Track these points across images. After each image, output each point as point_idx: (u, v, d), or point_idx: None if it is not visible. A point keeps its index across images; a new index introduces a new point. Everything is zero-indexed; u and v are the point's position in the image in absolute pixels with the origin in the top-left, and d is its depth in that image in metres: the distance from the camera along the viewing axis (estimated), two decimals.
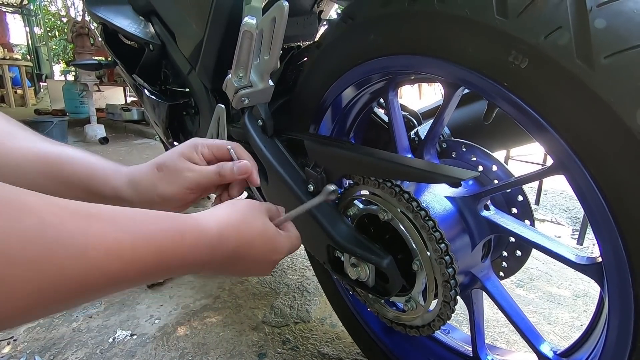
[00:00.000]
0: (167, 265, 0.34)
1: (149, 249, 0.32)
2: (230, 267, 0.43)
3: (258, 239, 0.43)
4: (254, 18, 0.54)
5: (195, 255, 0.37)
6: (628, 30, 0.31)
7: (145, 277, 0.33)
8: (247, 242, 0.42)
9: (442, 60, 0.44)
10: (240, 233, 0.41)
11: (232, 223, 0.41)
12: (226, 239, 0.40)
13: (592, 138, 0.34)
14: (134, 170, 0.50)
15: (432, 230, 0.50)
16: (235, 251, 0.41)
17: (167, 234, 0.34)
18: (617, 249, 0.36)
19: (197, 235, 0.37)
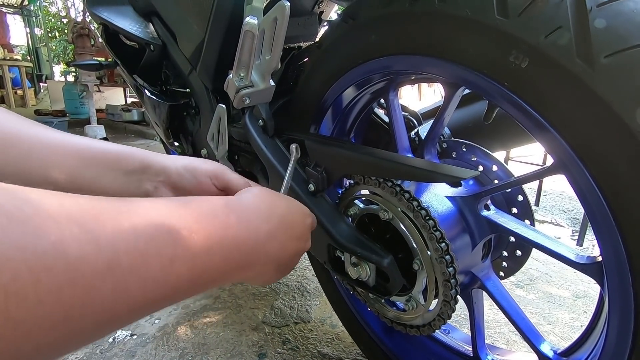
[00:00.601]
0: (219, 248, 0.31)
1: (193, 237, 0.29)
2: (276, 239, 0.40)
3: (288, 204, 0.44)
4: (256, 18, 0.54)
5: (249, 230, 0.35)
6: (628, 30, 0.31)
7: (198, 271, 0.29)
8: (284, 210, 0.42)
9: (442, 60, 0.45)
10: (274, 202, 0.41)
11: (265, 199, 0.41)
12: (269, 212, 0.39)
13: (592, 137, 0.34)
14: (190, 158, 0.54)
15: (433, 230, 0.50)
16: (281, 219, 0.40)
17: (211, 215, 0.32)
18: (617, 248, 0.36)
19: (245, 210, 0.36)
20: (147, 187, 0.51)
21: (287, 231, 0.41)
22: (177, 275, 0.27)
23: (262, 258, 0.37)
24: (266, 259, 0.38)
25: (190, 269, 0.28)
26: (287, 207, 0.43)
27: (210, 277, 0.31)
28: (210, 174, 0.52)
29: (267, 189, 0.44)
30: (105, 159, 0.48)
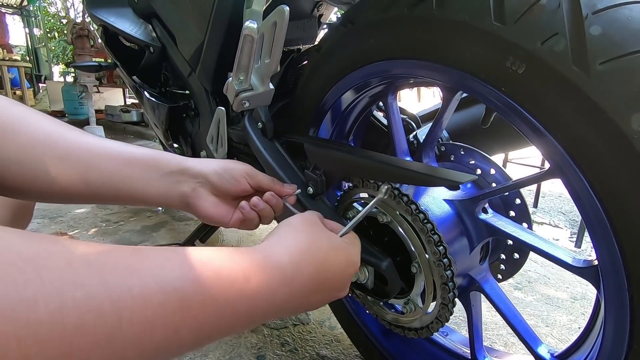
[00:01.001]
0: (232, 320, 0.29)
1: (204, 306, 0.26)
2: (313, 297, 0.37)
3: (331, 255, 0.39)
4: (255, 22, 0.55)
5: (267, 299, 0.31)
6: (623, 37, 0.32)
7: (203, 339, 0.27)
8: (322, 264, 0.37)
9: (440, 64, 0.45)
10: (312, 257, 0.37)
11: (304, 247, 0.37)
12: (301, 268, 0.35)
13: (588, 143, 0.35)
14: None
15: (431, 233, 0.50)
16: (314, 278, 0.36)
17: (227, 281, 0.28)
18: (612, 252, 0.37)
19: (267, 274, 0.32)
20: (184, 189, 0.51)
21: (319, 290, 0.37)
22: (179, 341, 0.26)
23: (279, 315, 0.35)
24: (285, 314, 0.36)
25: (194, 335, 0.26)
26: (328, 261, 0.38)
27: (217, 337, 0.29)
28: (245, 174, 0.55)
29: (311, 228, 0.40)
30: (143, 161, 0.49)
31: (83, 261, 0.22)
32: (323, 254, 0.38)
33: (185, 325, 0.25)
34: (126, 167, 0.48)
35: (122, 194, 0.48)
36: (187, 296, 0.26)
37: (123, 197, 0.49)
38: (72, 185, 0.45)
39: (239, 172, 0.55)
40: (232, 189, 0.54)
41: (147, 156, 0.50)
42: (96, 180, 0.46)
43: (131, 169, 0.48)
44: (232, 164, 0.55)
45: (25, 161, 0.41)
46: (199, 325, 0.26)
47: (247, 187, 0.55)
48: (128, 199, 0.49)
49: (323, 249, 0.39)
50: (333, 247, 0.40)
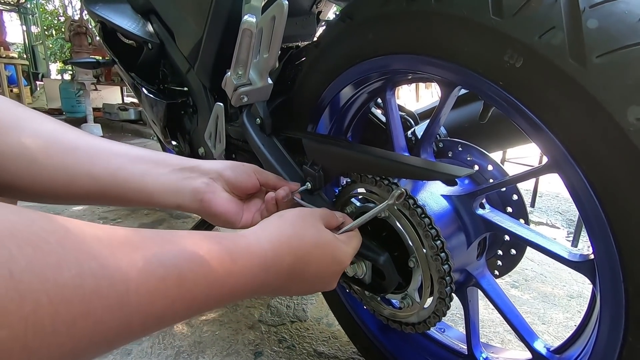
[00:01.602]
0: (218, 295, 0.31)
1: (197, 282, 0.29)
2: (289, 285, 0.40)
3: (314, 251, 0.40)
4: (254, 16, 0.55)
5: (248, 280, 0.34)
6: (619, 31, 0.32)
7: (193, 311, 0.30)
8: (302, 257, 0.39)
9: (439, 59, 0.45)
10: (292, 248, 0.38)
11: (284, 238, 0.39)
12: (280, 257, 0.37)
13: (585, 136, 0.35)
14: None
15: (429, 228, 0.50)
16: (291, 269, 0.38)
17: (217, 261, 0.31)
18: (608, 246, 0.37)
19: (251, 258, 0.35)
20: (197, 184, 0.51)
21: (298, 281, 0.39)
22: (174, 313, 0.28)
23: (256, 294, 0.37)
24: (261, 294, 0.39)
25: (187, 308, 0.29)
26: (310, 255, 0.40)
27: (204, 310, 0.32)
28: (253, 170, 0.56)
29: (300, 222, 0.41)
30: (151, 158, 0.49)
31: (94, 237, 0.24)
32: (306, 248, 0.40)
33: (180, 298, 0.28)
34: (134, 162, 0.48)
35: (130, 191, 0.47)
36: (184, 272, 0.28)
37: (130, 194, 0.48)
38: (76, 181, 0.44)
39: (248, 167, 0.56)
40: (244, 183, 0.54)
41: (155, 154, 0.50)
42: (102, 174, 0.45)
43: (139, 165, 0.48)
44: (238, 163, 0.56)
45: (28, 156, 0.41)
46: (192, 299, 0.29)
47: (257, 183, 0.56)
48: (135, 197, 0.48)
49: (306, 243, 0.40)
50: (319, 243, 0.41)
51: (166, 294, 0.27)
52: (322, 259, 0.41)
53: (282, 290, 0.40)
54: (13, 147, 0.40)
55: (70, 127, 0.46)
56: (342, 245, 0.44)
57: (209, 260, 0.31)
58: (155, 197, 0.49)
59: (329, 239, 0.43)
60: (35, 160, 0.42)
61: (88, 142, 0.46)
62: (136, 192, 0.47)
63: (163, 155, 0.51)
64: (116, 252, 0.24)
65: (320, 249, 0.41)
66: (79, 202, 0.48)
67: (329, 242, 0.42)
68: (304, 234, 0.40)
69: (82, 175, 0.44)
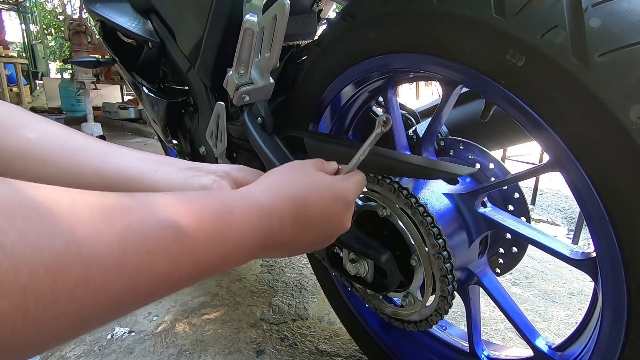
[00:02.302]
0: (222, 250, 0.31)
1: (196, 237, 0.29)
2: (300, 233, 0.38)
3: (311, 193, 0.40)
4: (255, 16, 0.55)
5: (249, 230, 0.33)
6: (622, 29, 0.32)
7: (200, 270, 0.30)
8: (300, 201, 0.38)
9: (441, 58, 0.45)
10: (288, 194, 0.38)
11: (279, 187, 0.38)
12: (278, 204, 0.36)
13: (587, 135, 0.35)
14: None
15: (431, 226, 0.51)
16: (293, 214, 0.37)
17: (213, 215, 0.31)
18: (611, 244, 0.37)
19: (247, 207, 0.34)
20: (204, 181, 0.50)
21: (305, 227, 0.39)
22: (180, 270, 0.28)
23: (270, 250, 0.36)
24: (276, 249, 0.37)
25: (193, 264, 0.29)
26: (308, 197, 0.39)
27: (212, 269, 0.31)
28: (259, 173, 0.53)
29: (290, 170, 0.41)
30: (157, 158, 0.50)
31: (86, 203, 0.24)
32: (301, 191, 0.39)
33: (181, 255, 0.28)
34: (141, 162, 0.48)
35: (136, 189, 0.47)
36: (181, 229, 0.28)
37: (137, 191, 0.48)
38: (82, 179, 0.44)
39: (255, 170, 0.54)
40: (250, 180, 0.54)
41: (161, 156, 0.50)
42: (109, 171, 0.45)
43: (146, 163, 0.48)
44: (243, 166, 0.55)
45: (34, 155, 0.42)
46: (195, 256, 0.29)
47: None
48: None
49: (301, 187, 0.39)
50: (314, 185, 0.40)
51: (166, 253, 0.26)
52: (322, 199, 0.40)
53: (297, 240, 0.38)
54: (20, 146, 0.41)
55: (77, 132, 0.47)
56: (339, 182, 0.43)
57: (204, 214, 0.30)
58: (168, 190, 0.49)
59: (323, 179, 0.42)
60: (41, 159, 0.42)
61: (95, 143, 0.47)
62: (143, 188, 0.47)
63: (169, 157, 0.52)
64: (109, 216, 0.24)
65: (317, 189, 0.40)
66: None
67: (324, 182, 0.41)
68: (297, 180, 0.40)
69: (88, 173, 0.44)
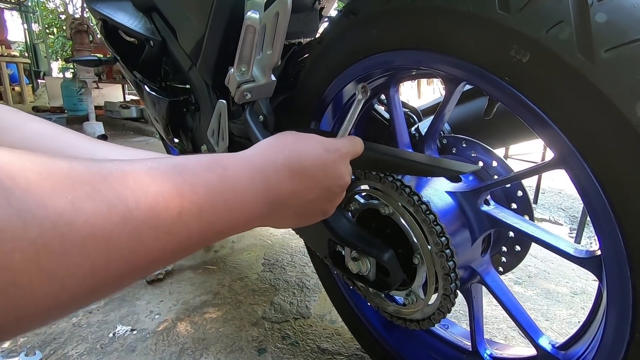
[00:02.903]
0: (224, 204, 0.31)
1: (195, 190, 0.29)
2: (300, 187, 0.39)
3: (300, 144, 0.40)
4: (257, 13, 0.54)
5: (246, 183, 0.34)
6: (628, 25, 0.31)
7: (206, 224, 0.30)
8: (292, 155, 0.39)
9: (444, 55, 0.45)
10: (278, 151, 0.39)
11: (267, 147, 0.39)
12: (270, 159, 0.37)
13: (593, 131, 0.35)
14: None
15: (433, 224, 0.50)
16: (287, 167, 0.38)
17: (208, 170, 0.32)
18: (616, 242, 0.37)
19: (239, 162, 0.35)
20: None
21: (302, 179, 0.39)
22: (186, 225, 0.28)
23: (275, 210, 0.37)
24: (281, 210, 0.38)
25: (198, 220, 0.29)
26: (298, 150, 0.39)
27: (219, 228, 0.32)
28: None
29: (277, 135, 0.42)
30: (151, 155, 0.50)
31: (83, 167, 0.25)
32: (291, 146, 0.40)
33: (184, 208, 0.28)
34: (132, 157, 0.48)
35: None
36: (178, 183, 0.29)
37: None
38: None
39: None
40: None
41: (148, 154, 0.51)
42: None
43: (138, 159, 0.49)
44: None
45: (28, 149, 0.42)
46: (197, 209, 0.29)
47: None
48: None
49: (289, 142, 0.41)
50: (302, 138, 0.42)
51: (168, 206, 0.27)
52: (314, 150, 0.41)
53: (298, 195, 0.39)
54: (13, 146, 0.42)
55: (69, 130, 0.48)
56: (327, 138, 0.44)
57: (200, 170, 0.31)
58: None
59: (311, 135, 0.43)
60: None
61: (85, 142, 0.48)
62: None
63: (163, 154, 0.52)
64: (107, 177, 0.25)
65: (307, 142, 0.41)
66: None
67: (314, 138, 0.42)
68: (286, 139, 0.41)
69: None
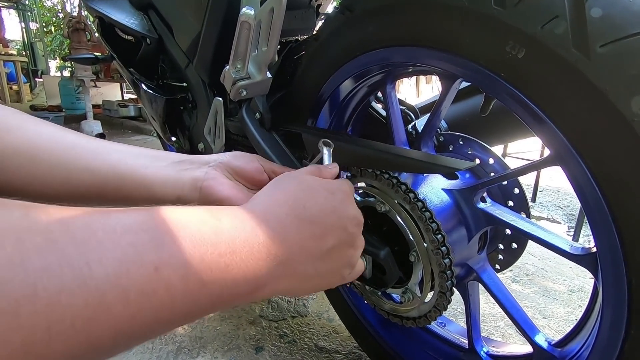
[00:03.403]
0: (216, 258, 0.26)
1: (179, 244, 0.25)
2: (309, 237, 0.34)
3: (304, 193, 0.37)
4: (252, 9, 0.54)
5: (247, 238, 0.29)
6: (624, 19, 0.31)
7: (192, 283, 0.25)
8: (296, 203, 0.35)
9: (439, 51, 0.44)
10: (280, 200, 0.35)
11: (265, 196, 0.36)
12: (272, 210, 0.34)
13: (588, 128, 0.34)
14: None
15: (429, 222, 0.50)
16: (291, 214, 0.34)
17: (197, 222, 0.27)
18: (611, 239, 0.37)
19: (236, 214, 0.31)
20: (197, 173, 0.50)
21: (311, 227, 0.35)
22: (167, 285, 0.23)
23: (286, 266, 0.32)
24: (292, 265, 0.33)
25: (183, 279, 0.24)
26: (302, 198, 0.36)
27: (215, 291, 0.26)
28: (257, 158, 0.54)
29: (274, 181, 0.39)
30: (149, 153, 0.50)
31: (42, 212, 0.21)
32: (293, 194, 0.36)
33: (164, 263, 0.23)
34: (134, 158, 0.48)
35: (129, 183, 0.47)
36: (158, 235, 0.24)
37: (130, 186, 0.47)
38: (74, 175, 0.45)
39: (251, 155, 0.54)
40: (246, 168, 0.52)
41: (153, 150, 0.51)
42: (101, 167, 0.46)
43: (137, 159, 0.48)
44: (241, 152, 0.55)
45: (28, 154, 0.42)
46: (182, 264, 0.24)
47: (260, 168, 0.53)
48: (135, 190, 0.48)
49: (291, 190, 0.37)
50: (302, 185, 0.38)
51: (142, 260, 0.22)
52: (319, 197, 0.37)
53: (312, 246, 0.34)
54: (15, 146, 0.42)
55: (70, 130, 0.48)
56: (329, 180, 0.42)
57: (186, 221, 0.26)
58: (155, 189, 0.48)
59: (312, 179, 0.40)
60: (35, 157, 0.42)
61: (88, 140, 0.47)
62: (135, 184, 0.47)
63: (160, 151, 0.52)
64: (69, 226, 0.21)
65: (310, 190, 0.38)
66: (78, 201, 0.46)
67: (314, 181, 0.39)
68: (285, 189, 0.37)
69: (80, 169, 0.44)
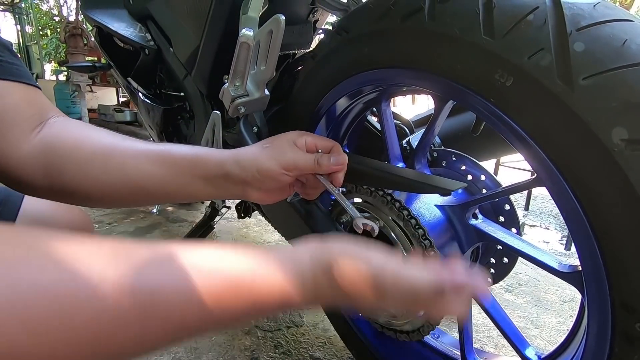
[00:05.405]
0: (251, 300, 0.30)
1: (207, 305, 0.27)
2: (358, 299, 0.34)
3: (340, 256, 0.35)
4: (251, 30, 0.55)
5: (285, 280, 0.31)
6: (605, 54, 0.33)
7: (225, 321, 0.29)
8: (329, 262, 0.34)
9: (432, 75, 0.46)
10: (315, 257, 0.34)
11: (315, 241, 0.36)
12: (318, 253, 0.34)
13: (572, 154, 0.36)
14: (239, 148, 0.53)
15: (422, 238, 0.51)
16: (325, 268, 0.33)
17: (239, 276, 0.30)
18: (595, 258, 0.38)
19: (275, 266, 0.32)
20: (233, 191, 0.52)
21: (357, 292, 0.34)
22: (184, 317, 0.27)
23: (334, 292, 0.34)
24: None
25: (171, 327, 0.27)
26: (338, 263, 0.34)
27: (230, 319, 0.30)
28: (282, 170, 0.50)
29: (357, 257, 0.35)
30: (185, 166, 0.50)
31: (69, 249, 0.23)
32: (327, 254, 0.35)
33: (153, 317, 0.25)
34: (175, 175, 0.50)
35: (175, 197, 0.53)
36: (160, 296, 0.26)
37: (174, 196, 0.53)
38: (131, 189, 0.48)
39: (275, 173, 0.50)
40: (275, 187, 0.52)
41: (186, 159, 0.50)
42: (150, 188, 0.49)
43: (180, 177, 0.50)
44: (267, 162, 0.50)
45: (94, 168, 0.46)
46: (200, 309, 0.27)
47: (291, 180, 0.52)
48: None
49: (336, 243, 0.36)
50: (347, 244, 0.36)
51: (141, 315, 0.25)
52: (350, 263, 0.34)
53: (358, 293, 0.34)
54: (85, 156, 0.46)
55: (119, 137, 0.52)
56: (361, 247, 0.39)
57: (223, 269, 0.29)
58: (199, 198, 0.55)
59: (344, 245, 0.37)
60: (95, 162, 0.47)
61: (134, 153, 0.50)
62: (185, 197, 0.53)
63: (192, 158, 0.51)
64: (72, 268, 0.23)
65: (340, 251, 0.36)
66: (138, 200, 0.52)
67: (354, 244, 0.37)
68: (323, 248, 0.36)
69: (135, 188, 0.48)
